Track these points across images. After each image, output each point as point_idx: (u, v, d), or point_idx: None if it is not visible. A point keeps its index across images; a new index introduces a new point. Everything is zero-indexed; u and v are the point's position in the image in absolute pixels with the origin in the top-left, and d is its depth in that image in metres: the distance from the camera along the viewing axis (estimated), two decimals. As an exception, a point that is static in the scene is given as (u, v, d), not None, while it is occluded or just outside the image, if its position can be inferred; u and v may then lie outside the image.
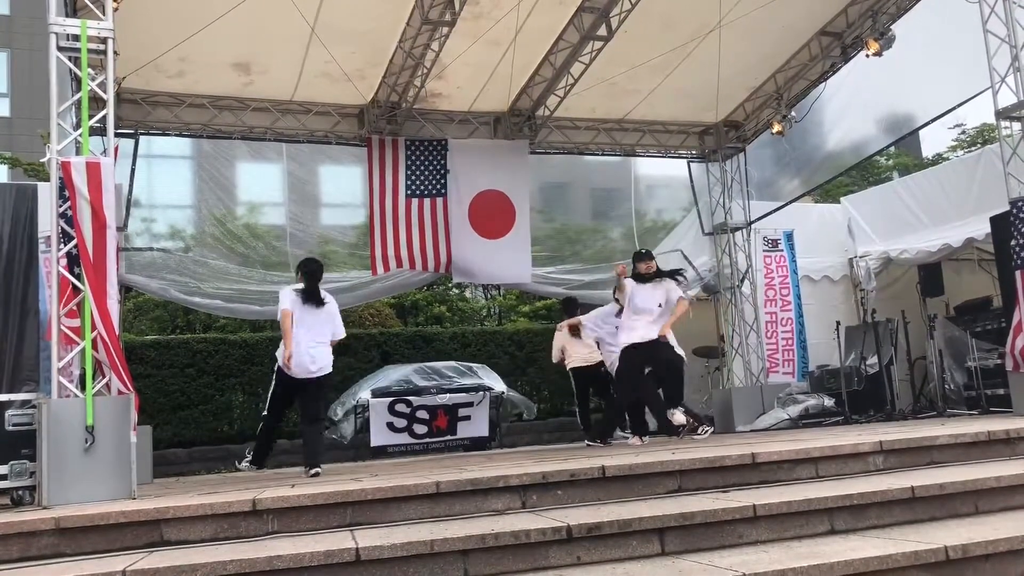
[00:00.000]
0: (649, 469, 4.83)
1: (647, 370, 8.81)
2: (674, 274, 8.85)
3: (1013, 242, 7.93)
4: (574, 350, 10.44)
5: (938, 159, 23.29)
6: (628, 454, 6.00)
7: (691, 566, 3.59)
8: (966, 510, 4.42)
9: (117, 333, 5.91)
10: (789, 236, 12.41)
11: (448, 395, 11.89)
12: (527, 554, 3.79)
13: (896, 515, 4.30)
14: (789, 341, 12.22)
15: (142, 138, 10.04)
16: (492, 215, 11.21)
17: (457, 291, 18.83)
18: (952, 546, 3.63)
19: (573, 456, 6.86)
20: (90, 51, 6.15)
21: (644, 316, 8.57)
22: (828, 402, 11.16)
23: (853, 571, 3.49)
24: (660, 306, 8.60)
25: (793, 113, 11.46)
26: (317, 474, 7.07)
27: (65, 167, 5.80)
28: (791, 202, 12.46)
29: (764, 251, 12.28)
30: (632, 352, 8.62)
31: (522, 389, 14.18)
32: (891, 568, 3.54)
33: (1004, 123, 8.42)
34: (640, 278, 8.69)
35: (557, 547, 3.83)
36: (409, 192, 10.91)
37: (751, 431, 10.90)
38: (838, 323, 11.58)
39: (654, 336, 8.52)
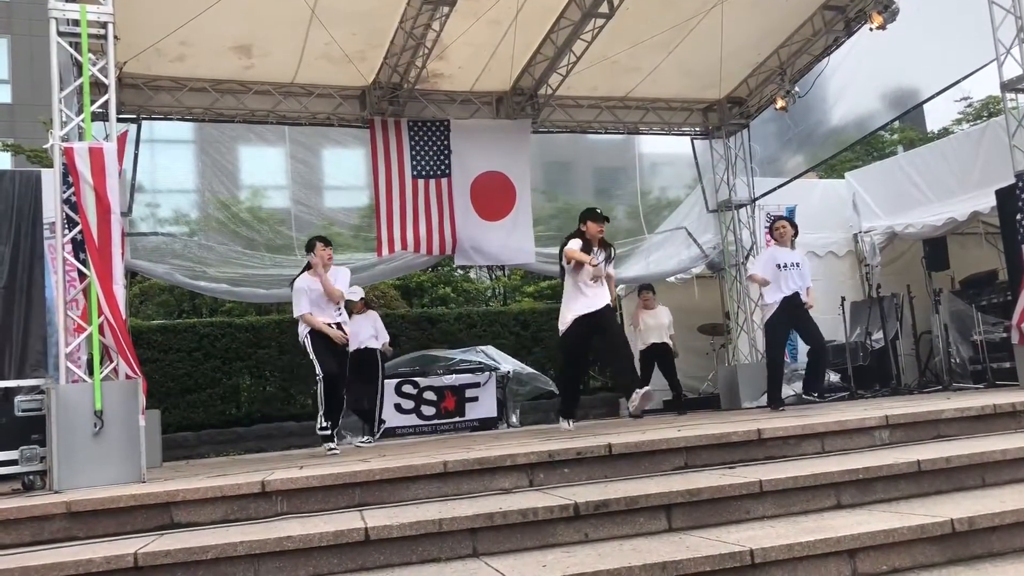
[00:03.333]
0: (655, 446, 4.84)
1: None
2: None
3: (1019, 215, 7.91)
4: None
5: (944, 133, 23.15)
6: (635, 432, 6.02)
7: (698, 542, 3.61)
8: (972, 483, 4.43)
9: (124, 318, 5.93)
10: (791, 212, 12.37)
11: (454, 376, 11.93)
12: (535, 532, 3.81)
13: (902, 489, 4.31)
14: None
15: (144, 123, 10.04)
16: (492, 196, 11.20)
17: (462, 272, 18.84)
18: (959, 519, 3.64)
19: (579, 434, 6.88)
20: (90, 36, 6.13)
21: (594, 283, 7.71)
22: (834, 377, 11.17)
23: (860, 545, 3.51)
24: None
25: (796, 88, 11.39)
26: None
27: (68, 153, 5.80)
28: (795, 178, 12.41)
29: (766, 227, 12.25)
30: (582, 323, 7.77)
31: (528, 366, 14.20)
32: (898, 542, 3.55)
33: (1009, 95, 8.38)
34: (588, 244, 7.79)
35: (565, 524, 3.85)
36: (415, 173, 10.91)
37: (757, 407, 10.92)
38: (843, 298, 11.57)
39: (605, 303, 7.74)
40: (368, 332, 9.76)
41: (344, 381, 8.16)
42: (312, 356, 7.91)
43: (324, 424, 7.92)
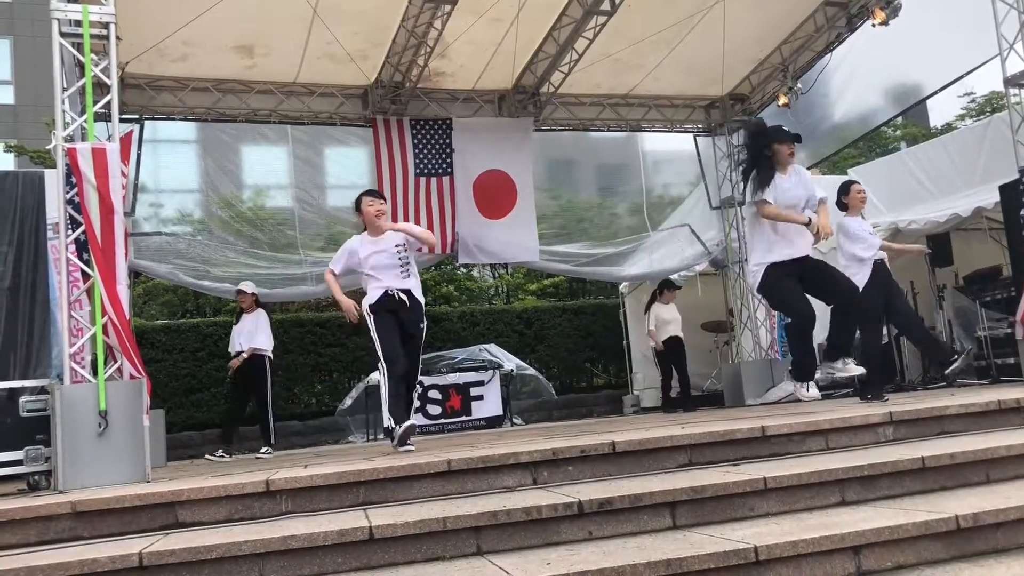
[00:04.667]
0: (659, 444, 4.84)
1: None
2: None
3: (1023, 210, 7.89)
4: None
5: (947, 128, 23.10)
6: (638, 429, 6.01)
7: (702, 539, 3.61)
8: (977, 479, 4.42)
9: (128, 318, 5.93)
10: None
11: (458, 374, 11.93)
12: (539, 530, 3.81)
13: (907, 485, 4.30)
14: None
15: (147, 123, 10.06)
16: (494, 195, 11.22)
17: (464, 270, 18.84)
18: (963, 515, 3.63)
19: (583, 432, 6.88)
20: (92, 36, 6.15)
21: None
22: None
23: (864, 541, 3.50)
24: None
25: (799, 85, 11.38)
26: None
27: (71, 153, 5.81)
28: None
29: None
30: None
31: (532, 367, 14.22)
32: (902, 538, 3.54)
33: (1013, 90, 8.37)
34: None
35: (568, 522, 3.85)
36: (418, 171, 10.93)
37: (761, 404, 10.91)
38: (847, 295, 11.51)
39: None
40: (249, 334, 9.22)
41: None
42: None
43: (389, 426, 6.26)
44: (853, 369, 6.32)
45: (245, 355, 9.17)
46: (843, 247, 7.53)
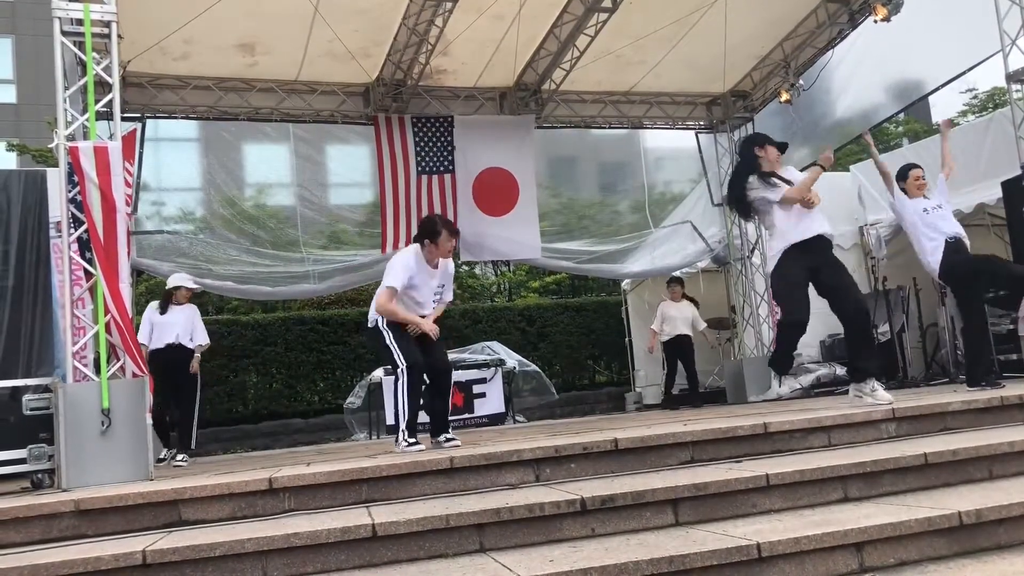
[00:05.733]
0: (662, 441, 4.84)
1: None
2: None
3: (1025, 206, 7.88)
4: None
5: (949, 125, 23.03)
6: (641, 426, 6.01)
7: (705, 536, 3.61)
8: (980, 476, 4.42)
9: (130, 316, 5.94)
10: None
11: (460, 371, 11.93)
12: (542, 527, 3.81)
13: (909, 482, 4.30)
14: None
15: (149, 121, 10.06)
16: (495, 192, 11.22)
17: (466, 268, 18.85)
18: (966, 511, 3.63)
19: (586, 429, 6.89)
20: (94, 35, 6.15)
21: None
22: (840, 371, 11.14)
23: (867, 538, 3.50)
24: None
25: (801, 81, 11.37)
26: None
27: (73, 152, 5.82)
28: (800, 171, 12.34)
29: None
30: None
31: (533, 364, 14.23)
32: (905, 535, 3.54)
33: (1015, 86, 8.37)
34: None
35: (571, 519, 3.85)
36: (419, 169, 10.92)
37: (763, 401, 10.91)
38: (849, 291, 11.50)
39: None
40: (183, 327, 8.55)
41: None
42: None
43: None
44: (883, 396, 5.92)
45: (199, 353, 8.64)
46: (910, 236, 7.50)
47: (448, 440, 6.11)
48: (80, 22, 6.13)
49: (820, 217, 6.35)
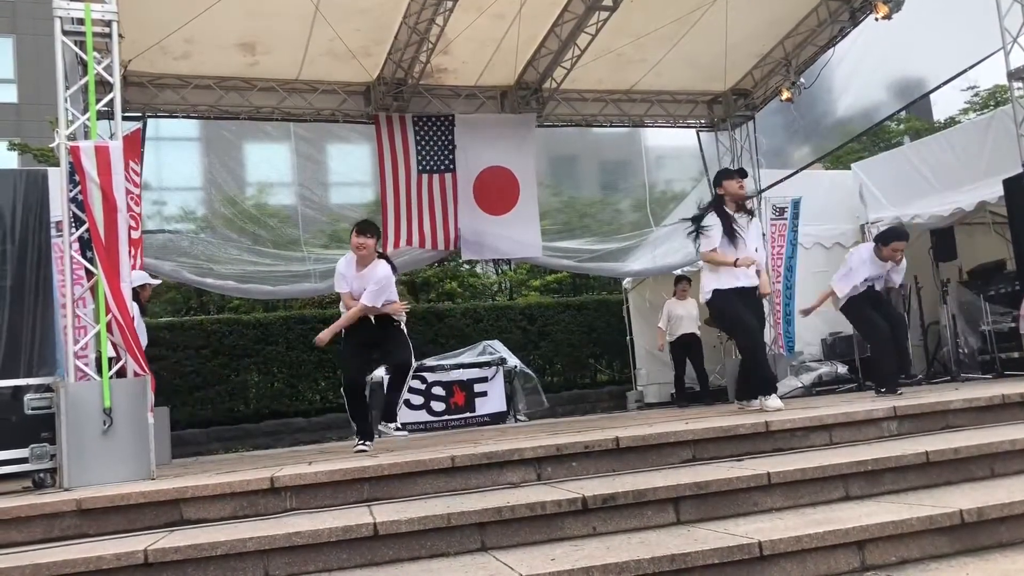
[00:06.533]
0: (663, 439, 4.84)
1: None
2: None
3: (1026, 204, 7.87)
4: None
5: (950, 122, 23.03)
6: (642, 425, 6.02)
7: (706, 534, 3.61)
8: (981, 474, 4.42)
9: (131, 315, 5.94)
10: (796, 204, 12.30)
11: (461, 370, 11.93)
12: (543, 525, 3.82)
13: (911, 480, 4.30)
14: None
15: (150, 121, 10.05)
16: (495, 191, 11.22)
17: (468, 267, 18.86)
18: (967, 510, 3.63)
19: (587, 428, 6.89)
20: (95, 35, 6.16)
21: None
22: (841, 369, 11.14)
23: (868, 536, 3.50)
24: None
25: (802, 80, 11.36)
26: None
27: (74, 151, 5.82)
28: (801, 169, 12.36)
29: (771, 219, 12.19)
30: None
31: (535, 363, 14.24)
32: (906, 533, 3.54)
33: (1016, 84, 8.35)
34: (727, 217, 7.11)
35: (573, 518, 3.85)
36: (420, 168, 10.92)
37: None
38: (851, 290, 11.49)
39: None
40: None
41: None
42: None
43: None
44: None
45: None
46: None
47: (397, 430, 6.94)
48: (81, 22, 6.13)
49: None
